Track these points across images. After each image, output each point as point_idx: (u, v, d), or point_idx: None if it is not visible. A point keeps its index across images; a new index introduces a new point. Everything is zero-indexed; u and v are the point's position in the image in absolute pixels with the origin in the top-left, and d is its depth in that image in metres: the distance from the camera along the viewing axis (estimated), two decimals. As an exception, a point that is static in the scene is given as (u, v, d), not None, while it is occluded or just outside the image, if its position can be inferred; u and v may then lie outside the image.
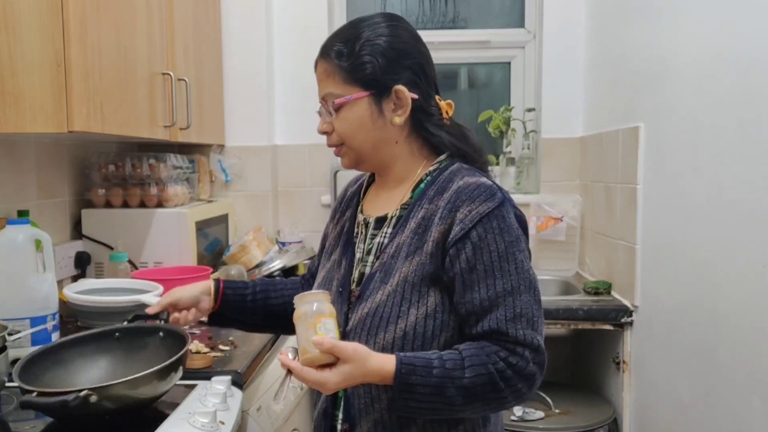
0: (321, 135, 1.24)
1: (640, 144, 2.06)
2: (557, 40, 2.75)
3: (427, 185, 1.18)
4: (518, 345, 1.06)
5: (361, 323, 1.12)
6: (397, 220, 1.18)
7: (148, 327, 1.37)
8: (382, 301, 1.11)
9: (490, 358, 1.04)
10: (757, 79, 1.45)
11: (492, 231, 1.08)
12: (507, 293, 1.07)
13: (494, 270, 1.07)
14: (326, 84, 1.20)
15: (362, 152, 1.20)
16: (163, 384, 1.23)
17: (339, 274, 1.22)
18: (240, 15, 2.65)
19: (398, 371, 1.02)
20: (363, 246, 1.21)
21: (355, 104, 1.17)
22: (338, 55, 1.18)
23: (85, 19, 1.51)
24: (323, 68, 1.21)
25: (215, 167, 2.67)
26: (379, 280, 1.14)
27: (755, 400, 1.45)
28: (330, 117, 1.20)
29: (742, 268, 1.51)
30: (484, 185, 1.11)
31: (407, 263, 1.12)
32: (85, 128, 1.51)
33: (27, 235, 1.53)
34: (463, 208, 1.09)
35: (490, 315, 1.06)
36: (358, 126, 1.17)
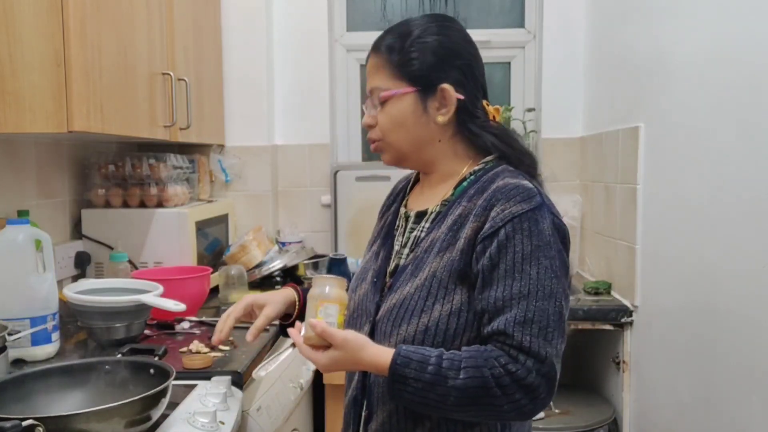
0: (365, 127, 1.24)
1: (640, 144, 2.06)
2: (557, 40, 2.75)
3: (469, 184, 1.18)
4: (521, 352, 1.02)
5: (388, 313, 1.14)
6: (436, 215, 1.19)
7: (140, 362, 1.33)
8: (409, 293, 1.12)
9: (487, 363, 1.02)
10: (757, 79, 1.45)
11: (521, 232, 1.07)
12: (522, 296, 1.04)
13: (514, 271, 1.05)
14: (374, 78, 1.19)
15: (401, 149, 1.20)
16: (129, 424, 1.12)
17: (376, 264, 1.24)
18: (240, 15, 2.65)
19: (393, 362, 1.04)
20: (402, 239, 1.23)
21: (401, 99, 1.17)
22: (388, 49, 1.18)
23: (85, 18, 1.51)
24: (373, 62, 1.20)
25: (215, 167, 2.67)
26: (409, 273, 1.15)
27: (755, 400, 1.45)
28: (375, 110, 1.20)
29: (742, 268, 1.51)
30: (522, 186, 1.10)
31: (438, 258, 1.12)
32: (85, 128, 1.51)
33: (27, 235, 1.52)
34: (498, 206, 1.09)
35: (500, 315, 1.05)
36: (401, 121, 1.18)
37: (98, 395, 1.26)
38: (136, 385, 1.24)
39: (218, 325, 1.30)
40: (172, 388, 1.20)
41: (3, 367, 1.33)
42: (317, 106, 2.79)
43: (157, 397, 1.15)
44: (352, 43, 2.90)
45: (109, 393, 1.25)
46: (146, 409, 1.14)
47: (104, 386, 1.28)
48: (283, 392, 1.80)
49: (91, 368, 1.30)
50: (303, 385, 1.97)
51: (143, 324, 1.75)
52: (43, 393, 1.24)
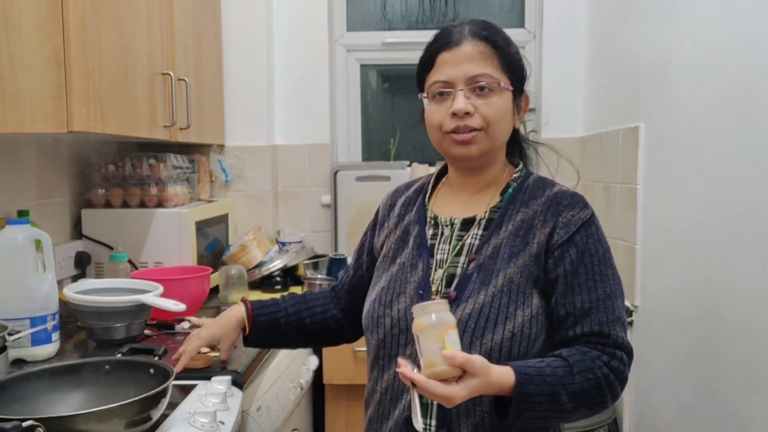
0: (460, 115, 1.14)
1: (640, 144, 2.06)
2: (557, 40, 2.75)
3: (515, 191, 1.20)
4: (617, 348, 1.08)
5: (462, 324, 1.09)
6: (487, 222, 1.18)
7: (140, 362, 1.32)
8: (486, 302, 1.10)
9: (595, 363, 1.06)
10: (757, 79, 1.45)
11: (592, 236, 1.13)
12: (607, 297, 1.10)
13: (595, 274, 1.11)
14: (483, 65, 1.15)
15: (497, 143, 1.19)
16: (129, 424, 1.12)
17: (415, 276, 1.18)
18: (240, 15, 2.65)
19: (518, 381, 1.01)
20: (447, 247, 1.19)
21: (505, 94, 1.18)
22: (504, 41, 1.19)
23: (85, 18, 1.51)
24: (480, 49, 1.16)
25: (215, 167, 2.67)
26: (479, 282, 1.12)
27: (755, 400, 1.45)
28: (476, 99, 1.15)
29: (742, 268, 1.51)
30: (578, 194, 1.18)
31: (511, 265, 1.12)
32: (85, 128, 1.51)
33: (27, 235, 1.52)
34: (565, 213, 1.14)
35: (590, 317, 1.09)
36: (504, 115, 1.18)
37: (98, 395, 1.25)
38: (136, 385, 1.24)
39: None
40: (172, 388, 1.20)
41: (3, 367, 1.33)
42: (317, 106, 2.79)
43: (157, 397, 1.15)
44: (352, 43, 2.90)
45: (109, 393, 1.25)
46: (146, 410, 1.14)
47: (104, 386, 1.27)
48: (283, 392, 1.80)
49: (91, 368, 1.30)
50: (303, 385, 1.97)
51: (143, 324, 1.75)
52: (43, 393, 1.24)
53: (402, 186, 1.38)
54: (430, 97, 1.18)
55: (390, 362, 1.17)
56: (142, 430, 1.15)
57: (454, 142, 1.16)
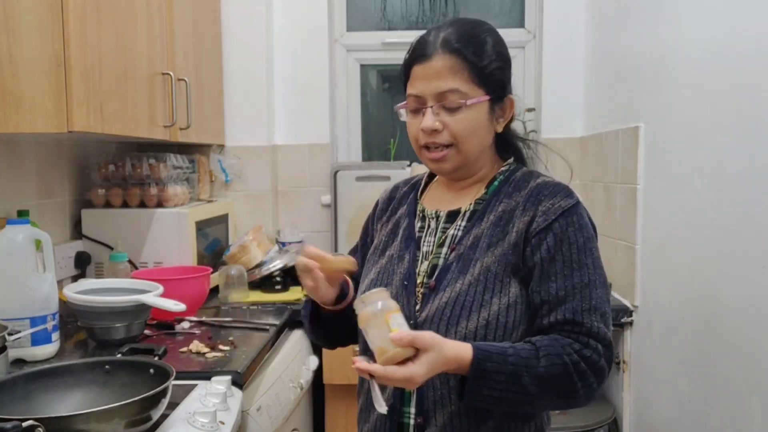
0: (427, 133, 1.16)
1: (640, 144, 2.06)
2: (557, 40, 2.75)
3: (500, 183, 1.21)
4: (591, 338, 1.07)
5: (438, 313, 1.11)
6: (471, 214, 1.20)
7: (140, 362, 1.32)
8: (462, 290, 1.11)
9: (564, 349, 1.05)
10: (757, 79, 1.45)
11: (572, 225, 1.12)
12: (584, 285, 1.09)
13: (572, 262, 1.10)
14: (450, 80, 1.13)
15: (470, 157, 1.18)
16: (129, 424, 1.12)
17: (401, 267, 1.20)
18: (240, 15, 2.65)
19: (475, 357, 1.01)
20: (433, 239, 1.21)
21: (479, 107, 1.16)
22: (474, 53, 1.14)
23: (85, 19, 1.51)
24: (448, 63, 1.14)
25: (215, 167, 2.67)
26: (457, 271, 1.13)
27: (755, 400, 1.45)
28: (445, 115, 1.15)
29: (742, 268, 1.51)
30: (562, 185, 1.18)
31: (489, 254, 1.13)
32: (85, 128, 1.51)
33: (27, 235, 1.53)
34: (545, 201, 1.13)
35: (565, 305, 1.08)
36: (477, 129, 1.16)
37: (98, 395, 1.26)
38: (136, 385, 1.24)
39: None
40: (172, 388, 1.20)
41: (3, 367, 1.33)
42: (317, 106, 2.79)
43: (157, 397, 1.15)
44: (352, 43, 2.90)
45: (109, 393, 1.25)
46: (146, 410, 1.14)
47: (104, 386, 1.28)
48: (283, 392, 1.80)
49: (91, 368, 1.30)
50: (303, 385, 1.97)
51: (143, 324, 1.75)
52: (43, 393, 1.24)
53: (402, 182, 1.40)
54: (409, 109, 1.19)
55: None
56: (142, 430, 1.15)
57: (428, 159, 1.19)
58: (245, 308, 2.16)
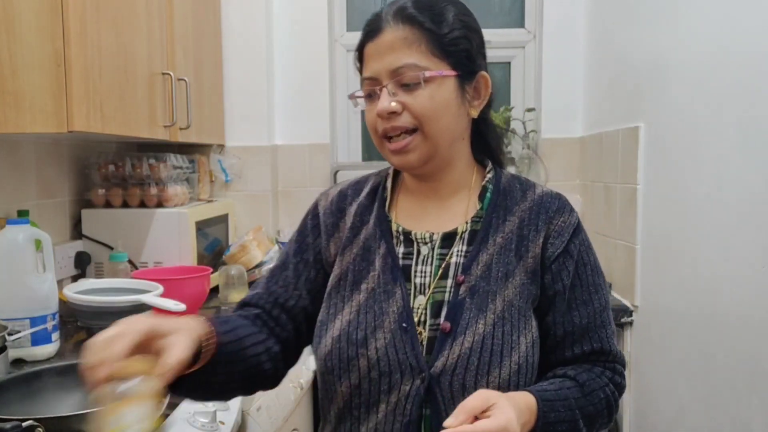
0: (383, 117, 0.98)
1: (640, 144, 2.06)
2: (557, 40, 2.75)
3: (493, 195, 1.04)
4: (617, 362, 1.03)
5: (462, 362, 0.93)
6: (470, 235, 1.02)
7: None
8: (487, 332, 0.95)
9: (602, 380, 1.00)
10: (757, 78, 1.45)
11: (583, 244, 1.04)
12: (602, 309, 1.03)
13: (590, 285, 1.02)
14: (405, 54, 0.96)
15: (439, 143, 0.99)
16: None
17: (393, 306, 0.98)
18: (240, 15, 2.65)
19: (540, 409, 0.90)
20: (428, 269, 1.01)
21: (444, 83, 0.97)
22: (435, 20, 0.97)
23: (84, 18, 1.51)
24: (401, 34, 0.97)
25: (215, 167, 2.67)
26: (474, 308, 0.96)
27: (755, 401, 1.45)
28: (403, 94, 0.97)
29: (742, 268, 1.51)
30: (562, 196, 1.06)
31: (509, 285, 0.98)
32: (85, 128, 1.51)
33: (27, 235, 1.52)
34: (556, 219, 1.02)
35: (589, 334, 1.01)
36: (445, 107, 0.98)
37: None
38: None
39: (100, 348, 0.77)
40: (172, 388, 1.20)
41: (3, 367, 1.33)
42: (317, 106, 2.79)
43: (157, 397, 1.15)
44: (352, 43, 2.89)
45: None
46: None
47: None
48: (283, 392, 1.80)
49: None
50: (303, 385, 1.97)
51: (143, 324, 1.75)
52: (43, 393, 1.24)
53: (346, 188, 1.14)
54: (365, 97, 1.02)
55: (368, 412, 0.97)
56: (142, 430, 1.15)
57: (389, 151, 1.01)
58: (245, 308, 2.15)
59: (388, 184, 1.11)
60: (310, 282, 1.08)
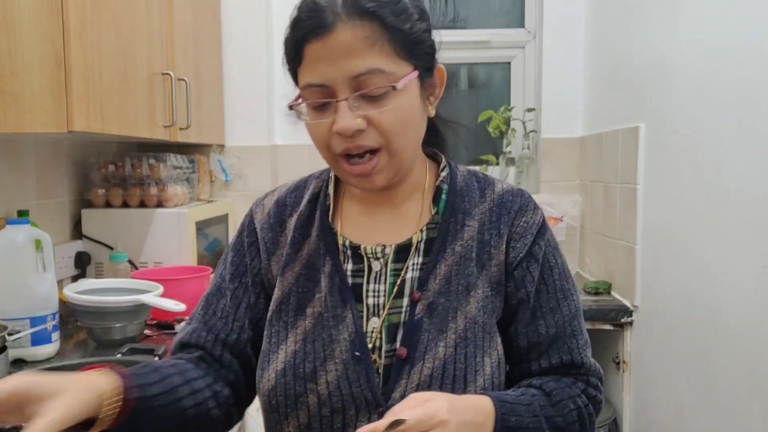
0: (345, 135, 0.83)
1: (640, 144, 2.06)
2: (557, 40, 2.75)
3: (449, 196, 0.93)
4: (590, 374, 0.94)
5: (423, 390, 0.83)
6: (426, 245, 0.90)
7: (140, 362, 1.30)
8: (448, 356, 0.84)
9: (573, 390, 0.90)
10: (757, 79, 1.45)
11: (549, 245, 0.92)
12: (573, 317, 0.92)
13: (557, 291, 0.91)
14: (367, 57, 0.80)
15: (405, 158, 0.87)
16: None
17: (344, 332, 0.87)
18: (240, 15, 2.65)
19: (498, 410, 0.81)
20: (382, 287, 0.89)
21: (409, 88, 0.84)
22: (394, 12, 0.81)
23: (85, 19, 1.51)
24: (360, 33, 0.80)
25: (215, 167, 2.67)
26: (433, 329, 0.85)
27: (754, 401, 1.45)
28: (369, 107, 0.82)
29: (742, 268, 1.51)
30: (524, 192, 0.94)
31: (470, 299, 0.87)
32: (85, 128, 1.51)
33: (27, 235, 1.53)
34: (518, 219, 0.91)
35: (558, 345, 0.90)
36: (410, 119, 0.85)
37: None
38: None
39: None
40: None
41: (3, 367, 1.33)
42: (317, 106, 2.79)
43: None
44: (352, 43, 2.90)
45: None
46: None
47: None
48: (283, 392, 1.80)
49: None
50: (303, 385, 1.97)
51: (143, 324, 1.75)
52: None
53: (284, 195, 0.99)
54: (308, 105, 0.86)
55: None
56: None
57: (350, 174, 0.86)
58: (245, 308, 2.15)
59: (330, 189, 0.96)
60: (251, 309, 0.95)
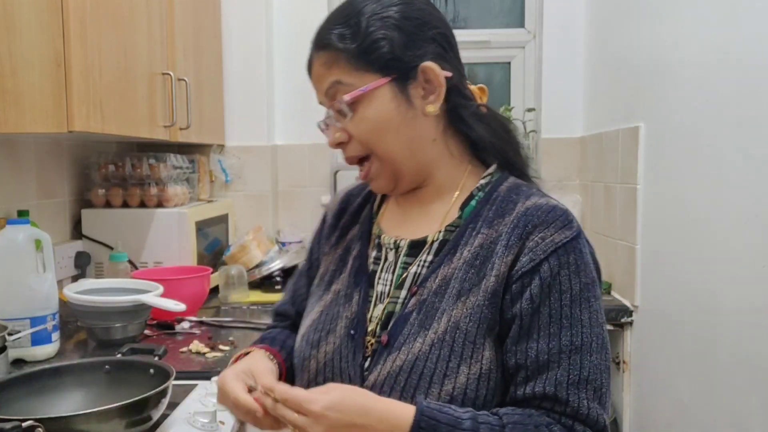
0: (335, 148, 0.97)
1: (640, 144, 2.06)
2: (557, 40, 2.75)
3: (479, 203, 0.94)
4: (577, 421, 0.83)
5: (390, 379, 0.87)
6: (440, 245, 0.94)
7: (140, 362, 1.30)
8: (422, 352, 0.86)
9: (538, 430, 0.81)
10: (757, 79, 1.45)
11: (567, 267, 0.86)
12: (575, 349, 0.84)
13: (561, 317, 0.85)
14: (328, 75, 0.93)
15: (397, 160, 0.93)
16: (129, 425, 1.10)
17: (348, 311, 0.95)
18: (240, 15, 2.65)
19: (416, 423, 0.79)
20: (390, 276, 0.95)
21: (375, 96, 0.91)
22: (340, 38, 0.91)
23: (85, 18, 1.51)
24: (322, 60, 0.94)
25: (215, 167, 2.67)
26: (417, 324, 0.88)
27: (755, 400, 1.45)
28: (343, 119, 0.93)
29: (742, 268, 1.51)
30: (558, 209, 0.90)
31: (459, 304, 0.87)
32: (85, 128, 1.51)
33: (27, 235, 1.52)
34: (535, 234, 0.87)
35: (547, 374, 0.84)
36: (385, 124, 0.91)
37: (98, 395, 1.25)
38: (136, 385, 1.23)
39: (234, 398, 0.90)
40: (172, 388, 1.20)
41: (3, 367, 1.33)
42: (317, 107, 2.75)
43: (157, 397, 1.15)
44: (352, 43, 2.90)
45: (109, 393, 1.24)
46: (146, 410, 1.13)
47: (104, 386, 1.27)
48: (283, 392, 1.80)
49: (91, 368, 1.29)
50: (303, 385, 1.97)
51: (143, 324, 1.75)
52: (43, 393, 1.24)
53: (356, 187, 1.11)
54: None
55: None
56: (142, 430, 1.15)
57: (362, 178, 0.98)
58: (245, 308, 2.16)
59: None
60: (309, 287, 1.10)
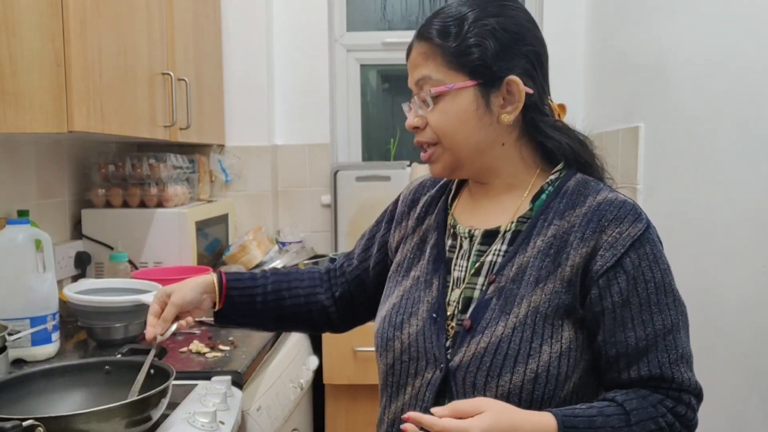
0: (410, 130, 1.05)
1: (640, 144, 2.06)
2: (557, 40, 2.74)
3: (549, 196, 1.02)
4: (683, 392, 0.94)
5: (476, 360, 0.95)
6: (513, 235, 1.01)
7: (140, 362, 1.29)
8: (505, 335, 0.94)
9: (657, 410, 0.91)
10: (757, 79, 1.45)
11: (646, 258, 0.96)
12: (667, 331, 0.94)
13: (650, 304, 0.94)
14: (423, 67, 1.00)
15: (462, 155, 1.01)
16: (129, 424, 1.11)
17: (429, 296, 1.04)
18: (240, 15, 2.65)
19: (561, 429, 0.87)
20: (466, 264, 1.03)
21: (459, 95, 0.99)
22: (442, 34, 0.99)
23: (85, 18, 1.51)
24: (421, 50, 1.01)
25: (215, 167, 2.67)
26: (498, 309, 0.96)
27: (755, 400, 1.45)
28: (425, 108, 1.01)
29: (742, 268, 1.51)
30: (628, 203, 0.98)
31: (538, 290, 0.95)
32: (85, 128, 1.51)
33: (27, 235, 1.52)
34: (610, 229, 0.95)
35: (648, 357, 0.93)
36: (461, 121, 0.99)
37: (98, 395, 1.25)
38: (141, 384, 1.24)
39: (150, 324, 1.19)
40: (172, 388, 1.20)
41: (3, 367, 1.33)
42: (317, 106, 2.79)
43: (157, 397, 1.15)
44: (352, 43, 2.90)
45: (109, 393, 1.24)
46: (146, 410, 1.14)
47: (104, 386, 1.27)
48: (283, 392, 1.80)
49: (91, 368, 1.30)
50: (303, 385, 1.97)
51: (143, 324, 1.75)
52: (43, 393, 1.24)
53: (428, 180, 1.20)
54: None
55: (398, 392, 1.04)
56: (142, 430, 1.15)
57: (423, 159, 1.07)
58: (245, 308, 2.15)
59: (456, 181, 1.15)
60: (369, 257, 1.23)
